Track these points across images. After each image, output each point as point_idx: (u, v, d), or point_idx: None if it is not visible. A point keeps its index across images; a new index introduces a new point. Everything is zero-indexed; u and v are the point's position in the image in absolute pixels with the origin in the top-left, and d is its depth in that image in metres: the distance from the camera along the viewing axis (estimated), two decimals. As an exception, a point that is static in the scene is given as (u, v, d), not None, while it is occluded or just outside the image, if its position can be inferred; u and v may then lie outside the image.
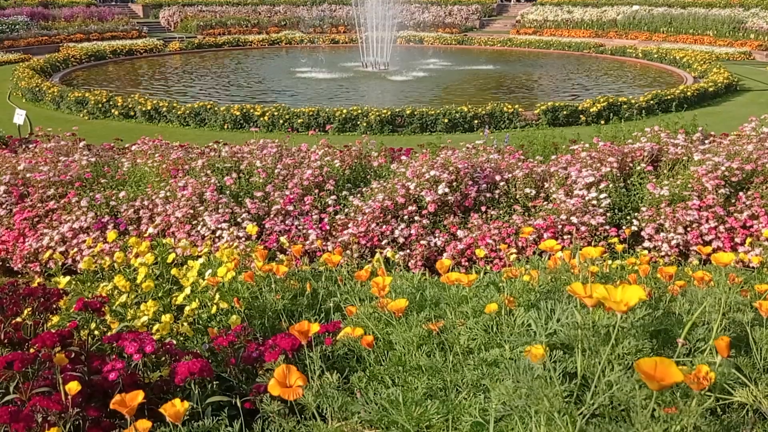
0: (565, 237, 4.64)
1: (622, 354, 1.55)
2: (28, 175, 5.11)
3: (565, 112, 12.69)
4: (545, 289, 2.04)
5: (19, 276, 4.75)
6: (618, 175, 5.19)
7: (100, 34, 29.60)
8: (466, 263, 4.67)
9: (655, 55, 22.48)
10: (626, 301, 1.46)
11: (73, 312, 2.13)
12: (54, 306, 2.04)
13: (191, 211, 4.68)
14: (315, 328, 1.67)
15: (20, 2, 32.51)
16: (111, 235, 2.82)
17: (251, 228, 3.28)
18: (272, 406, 1.54)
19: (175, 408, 1.49)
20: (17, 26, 27.84)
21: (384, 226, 4.87)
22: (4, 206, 4.96)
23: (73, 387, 1.54)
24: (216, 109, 12.95)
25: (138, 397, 1.50)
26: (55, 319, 2.15)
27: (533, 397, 1.32)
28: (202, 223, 4.66)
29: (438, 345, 1.71)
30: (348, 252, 4.42)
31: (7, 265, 4.90)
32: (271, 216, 4.86)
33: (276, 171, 5.32)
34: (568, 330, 1.59)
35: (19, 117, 9.65)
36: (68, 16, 31.06)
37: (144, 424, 1.48)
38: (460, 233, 4.84)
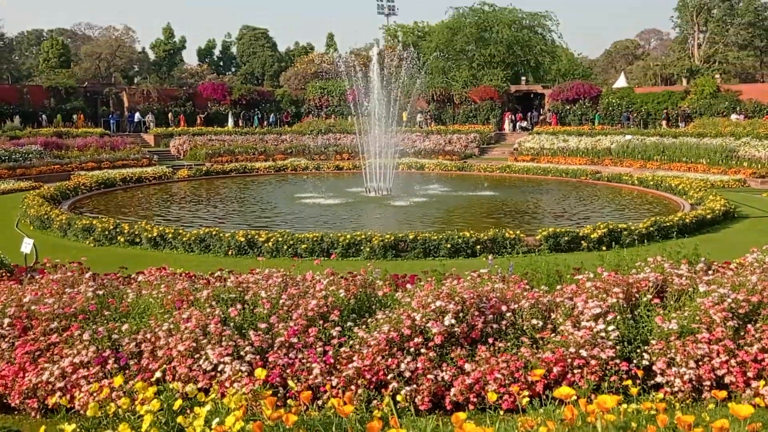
0: (575, 371, 4.54)
1: None
2: (33, 307, 5.11)
3: (566, 238, 12.83)
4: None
5: (16, 413, 4.62)
6: (624, 305, 5.16)
7: (112, 162, 30.62)
8: (475, 399, 4.54)
9: (651, 183, 23.05)
10: None
11: None
12: None
13: (194, 344, 4.63)
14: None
15: (35, 132, 33.87)
16: (117, 379, 2.77)
17: (260, 372, 3.22)
18: None
19: None
20: (30, 155, 28.83)
21: (390, 359, 4.79)
22: (6, 339, 4.91)
23: None
24: (221, 235, 13.11)
25: None
26: None
27: None
28: (204, 357, 4.58)
29: None
30: (353, 387, 4.32)
31: (5, 401, 4.76)
32: (275, 348, 4.79)
33: (281, 301, 5.31)
34: None
35: (26, 246, 9.75)
36: (81, 146, 32.23)
37: None
38: (467, 366, 4.74)
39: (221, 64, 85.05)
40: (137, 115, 43.13)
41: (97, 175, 25.67)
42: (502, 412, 4.27)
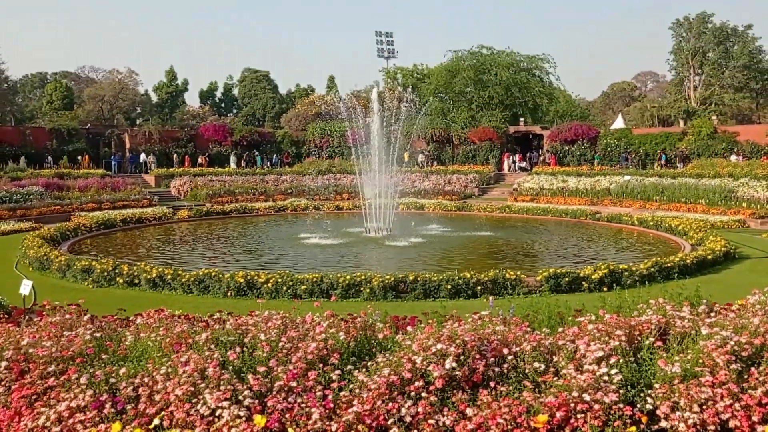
0: (578, 416, 4.48)
1: None
2: (30, 350, 5.06)
3: (567, 279, 12.79)
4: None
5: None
6: (627, 348, 5.11)
7: (112, 203, 30.75)
8: (477, 444, 4.46)
9: (651, 223, 23.09)
10: None
11: None
12: None
13: (192, 388, 4.57)
14: None
15: (37, 173, 34.10)
16: (115, 426, 2.74)
17: (259, 419, 3.18)
18: None
19: None
20: (31, 196, 28.97)
21: (390, 404, 4.72)
22: (3, 383, 4.85)
23: None
24: (220, 276, 13.08)
25: None
26: None
27: None
28: (202, 401, 4.52)
29: None
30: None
31: (-2, 446, 4.69)
32: (274, 392, 4.73)
33: (280, 344, 5.27)
34: None
35: (25, 287, 9.73)
36: (82, 187, 32.42)
37: None
38: (469, 411, 4.67)
39: (223, 105, 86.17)
40: (142, 155, 43.56)
41: (98, 215, 25.75)
42: (504, 459, 4.19)
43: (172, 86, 75.52)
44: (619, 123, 49.42)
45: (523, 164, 44.56)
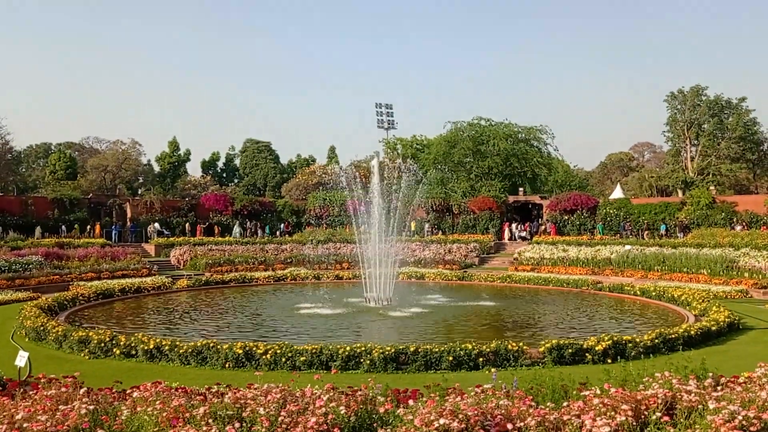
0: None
1: None
2: (25, 425, 4.95)
3: (570, 350, 12.62)
4: None
5: None
6: (634, 423, 5.01)
7: (111, 272, 30.65)
8: None
9: (653, 293, 22.96)
10: None
11: None
12: None
13: (189, 466, 4.46)
14: None
15: (37, 243, 34.15)
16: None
17: None
18: None
19: None
20: (30, 266, 28.91)
21: (392, 482, 4.59)
22: (-6, 460, 4.74)
23: None
24: (218, 347, 12.91)
25: None
26: None
27: None
28: (199, 479, 4.40)
29: None
30: None
31: None
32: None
33: (279, 419, 5.16)
34: None
35: (21, 359, 9.58)
36: (82, 256, 32.38)
37: None
38: (473, 489, 4.54)
39: (224, 175, 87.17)
40: (156, 225, 43.92)
41: (96, 285, 25.64)
42: None
43: (175, 156, 76.62)
44: (617, 193, 49.92)
45: (524, 234, 44.69)
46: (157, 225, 43.95)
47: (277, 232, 48.12)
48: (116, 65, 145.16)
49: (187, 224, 45.73)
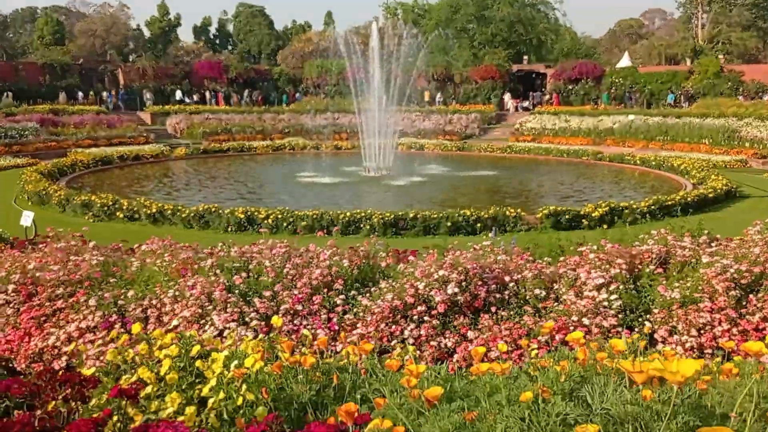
0: (574, 347, 4.57)
1: (676, 429, 1.53)
2: (37, 274, 5.11)
3: (567, 216, 12.84)
4: (578, 378, 2.01)
5: (22, 377, 4.63)
6: (627, 276, 5.18)
7: (108, 140, 30.44)
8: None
9: (653, 163, 23.03)
10: (683, 373, 1.49)
11: (104, 402, 2.08)
12: (88, 394, 1.99)
13: (200, 311, 4.65)
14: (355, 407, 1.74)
15: (31, 109, 33.66)
16: (122, 337, 2.80)
17: (276, 320, 3.26)
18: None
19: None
20: (27, 132, 28.70)
21: (393, 326, 4.82)
22: (11, 305, 4.93)
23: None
24: (220, 211, 13.10)
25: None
26: (93, 402, 2.09)
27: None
28: (209, 323, 4.61)
29: (474, 435, 1.67)
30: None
31: (11, 365, 4.79)
32: (280, 315, 4.81)
33: (285, 270, 5.32)
34: (619, 407, 1.59)
35: (26, 219, 9.74)
36: (78, 123, 32.03)
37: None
38: (470, 334, 4.77)
39: (217, 42, 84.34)
40: (178, 93, 43.27)
41: (94, 152, 25.59)
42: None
43: (165, 21, 73.67)
44: (625, 61, 48.49)
45: (526, 104, 44.00)
46: (179, 93, 43.30)
47: (283, 105, 47.23)
48: None
49: (206, 93, 44.93)
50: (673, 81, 40.63)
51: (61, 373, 2.05)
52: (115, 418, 1.94)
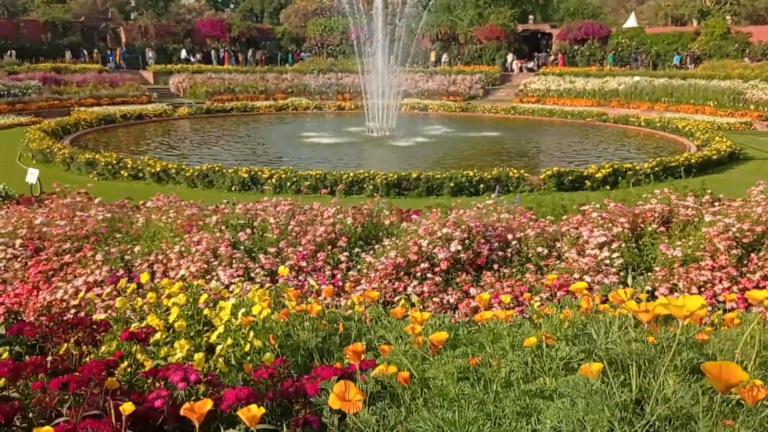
0: (578, 297, 4.63)
1: (679, 365, 1.59)
2: (44, 229, 5.16)
3: (570, 177, 12.83)
4: (581, 325, 2.06)
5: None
6: (630, 235, 5.21)
7: (111, 99, 30.27)
8: (480, 321, 4.63)
9: (658, 124, 22.88)
10: (688, 307, 1.54)
11: (115, 345, 2.14)
12: (99, 337, 2.05)
13: (205, 266, 4.70)
14: (363, 347, 1.81)
15: (33, 68, 33.39)
16: (131, 286, 2.85)
17: (283, 269, 3.31)
18: (332, 419, 1.57)
19: (251, 413, 1.54)
20: (29, 90, 28.54)
21: (396, 283, 4.88)
22: (19, 259, 4.99)
23: (128, 408, 1.54)
24: (224, 171, 13.12)
25: (207, 405, 1.54)
26: (104, 348, 2.15)
27: (592, 410, 1.36)
28: (215, 278, 4.66)
29: (478, 379, 1.72)
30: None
31: (19, 318, 4.87)
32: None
33: (289, 228, 5.37)
34: (623, 346, 1.65)
35: (32, 176, 9.78)
36: (80, 81, 31.82)
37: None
38: (473, 291, 4.83)
39: (219, 0, 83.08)
40: (183, 52, 43.01)
41: (97, 111, 25.47)
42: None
43: (167, -22, 72.50)
44: (631, 22, 47.72)
45: (530, 65, 43.46)
46: (184, 52, 42.93)
47: (286, 65, 46.75)
48: None
49: (211, 52, 44.57)
50: (680, 42, 40.04)
51: (72, 317, 2.10)
52: (125, 363, 1.99)
